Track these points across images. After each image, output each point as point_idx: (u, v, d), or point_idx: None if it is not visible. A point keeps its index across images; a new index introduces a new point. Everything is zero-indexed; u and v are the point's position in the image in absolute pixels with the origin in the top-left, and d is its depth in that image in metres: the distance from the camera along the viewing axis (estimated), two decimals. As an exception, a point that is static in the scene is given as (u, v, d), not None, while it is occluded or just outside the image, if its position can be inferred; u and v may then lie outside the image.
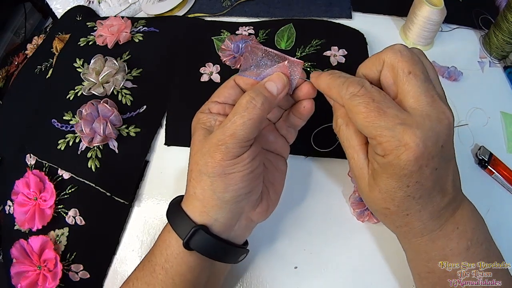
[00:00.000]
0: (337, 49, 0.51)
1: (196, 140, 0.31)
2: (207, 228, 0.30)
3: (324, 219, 0.42)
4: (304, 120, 0.35)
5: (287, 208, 0.43)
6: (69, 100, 0.49)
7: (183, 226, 0.30)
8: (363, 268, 0.39)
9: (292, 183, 0.44)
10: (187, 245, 0.30)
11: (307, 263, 0.40)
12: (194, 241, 0.30)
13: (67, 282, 0.40)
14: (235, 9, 0.60)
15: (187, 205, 0.31)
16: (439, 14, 0.50)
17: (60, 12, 0.63)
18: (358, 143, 0.30)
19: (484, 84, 0.52)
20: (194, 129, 0.32)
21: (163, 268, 0.31)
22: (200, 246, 0.30)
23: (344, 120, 0.31)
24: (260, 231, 0.41)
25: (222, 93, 0.33)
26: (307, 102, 0.34)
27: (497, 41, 0.53)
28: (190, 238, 0.30)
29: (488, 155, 0.45)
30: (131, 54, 0.53)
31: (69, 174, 0.45)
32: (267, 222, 0.42)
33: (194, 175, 0.30)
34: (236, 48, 0.50)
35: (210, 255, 0.31)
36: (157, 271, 0.31)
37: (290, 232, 0.41)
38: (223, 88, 0.34)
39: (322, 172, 0.45)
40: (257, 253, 0.41)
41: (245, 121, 0.28)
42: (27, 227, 0.42)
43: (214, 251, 0.31)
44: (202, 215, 0.30)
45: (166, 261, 0.31)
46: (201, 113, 0.33)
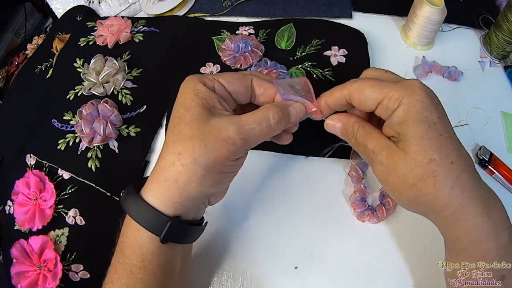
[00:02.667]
0: (337, 49, 0.51)
1: (195, 119, 0.28)
2: (180, 217, 0.29)
3: (324, 219, 0.42)
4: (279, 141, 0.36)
5: (287, 208, 0.42)
6: (69, 100, 0.49)
7: (156, 222, 0.28)
8: (363, 268, 0.39)
9: (292, 183, 0.44)
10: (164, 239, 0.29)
11: (307, 263, 0.40)
12: (170, 234, 0.29)
13: (67, 282, 0.40)
14: (235, 9, 0.60)
15: (154, 195, 0.29)
16: (440, 14, 0.50)
17: (60, 12, 0.63)
18: (377, 133, 0.32)
19: (485, 84, 0.52)
20: (191, 99, 0.29)
21: (141, 267, 0.29)
22: (176, 236, 0.30)
23: (359, 124, 0.32)
24: (260, 231, 0.41)
25: (234, 84, 0.31)
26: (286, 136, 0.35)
27: (497, 40, 0.52)
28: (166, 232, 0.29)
29: (489, 155, 0.44)
30: (131, 54, 0.53)
31: (69, 174, 0.45)
32: (266, 222, 0.42)
33: (185, 162, 0.27)
34: (236, 48, 0.50)
35: (184, 241, 0.31)
36: (134, 272, 0.29)
37: (290, 232, 0.41)
38: (237, 79, 0.32)
39: (322, 172, 0.45)
40: (257, 253, 0.41)
41: (261, 133, 0.29)
42: (27, 227, 0.42)
43: (187, 236, 0.31)
44: (175, 205, 0.28)
45: (143, 260, 0.29)
46: (203, 85, 0.30)
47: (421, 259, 0.39)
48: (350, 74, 0.35)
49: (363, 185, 0.42)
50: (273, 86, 0.33)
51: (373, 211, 0.41)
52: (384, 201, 0.41)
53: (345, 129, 0.33)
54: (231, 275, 0.40)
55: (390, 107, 0.29)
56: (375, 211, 0.41)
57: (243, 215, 0.42)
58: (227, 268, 0.40)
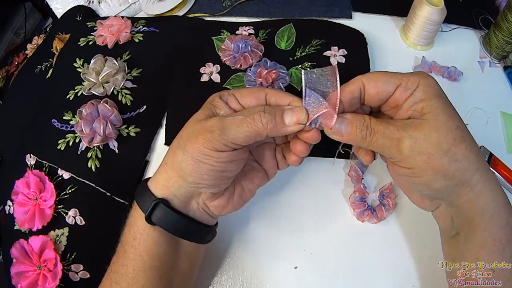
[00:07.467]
0: (337, 49, 0.51)
1: (195, 117, 0.32)
2: (167, 202, 0.31)
3: (324, 219, 0.42)
4: (297, 160, 0.35)
5: (287, 208, 0.43)
6: (69, 100, 0.49)
7: (145, 201, 0.31)
8: (363, 268, 0.39)
9: (292, 183, 0.44)
10: (149, 218, 0.31)
11: (307, 263, 0.40)
12: (156, 215, 0.31)
13: (67, 282, 0.40)
14: (235, 9, 0.60)
15: (151, 180, 0.33)
16: (439, 14, 0.50)
17: (60, 12, 0.63)
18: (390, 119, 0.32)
19: (484, 84, 0.52)
20: (204, 106, 0.33)
21: (132, 246, 0.32)
22: (162, 220, 0.31)
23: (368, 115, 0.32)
24: (260, 231, 0.42)
25: (247, 97, 0.33)
26: (300, 145, 0.33)
27: (497, 41, 0.53)
28: (152, 212, 0.30)
29: (488, 155, 0.45)
30: (131, 54, 0.53)
31: (69, 174, 0.45)
32: (266, 222, 0.42)
33: (173, 148, 0.32)
34: (236, 48, 0.50)
35: (170, 229, 0.31)
36: (127, 251, 0.32)
37: (290, 232, 0.41)
38: (250, 93, 0.33)
39: (322, 172, 0.45)
40: (257, 253, 0.41)
41: (243, 127, 0.29)
42: (27, 227, 0.42)
43: (175, 225, 0.32)
44: (163, 190, 0.31)
45: (134, 238, 0.32)
46: (220, 98, 0.33)
47: (421, 259, 0.39)
48: (350, 74, 0.35)
49: (363, 185, 0.42)
50: (286, 96, 0.33)
51: (372, 211, 0.41)
52: (384, 201, 0.41)
53: (355, 122, 0.31)
54: (231, 275, 0.40)
55: (409, 88, 0.31)
56: (375, 211, 0.41)
57: (243, 215, 0.42)
58: (227, 268, 0.40)
